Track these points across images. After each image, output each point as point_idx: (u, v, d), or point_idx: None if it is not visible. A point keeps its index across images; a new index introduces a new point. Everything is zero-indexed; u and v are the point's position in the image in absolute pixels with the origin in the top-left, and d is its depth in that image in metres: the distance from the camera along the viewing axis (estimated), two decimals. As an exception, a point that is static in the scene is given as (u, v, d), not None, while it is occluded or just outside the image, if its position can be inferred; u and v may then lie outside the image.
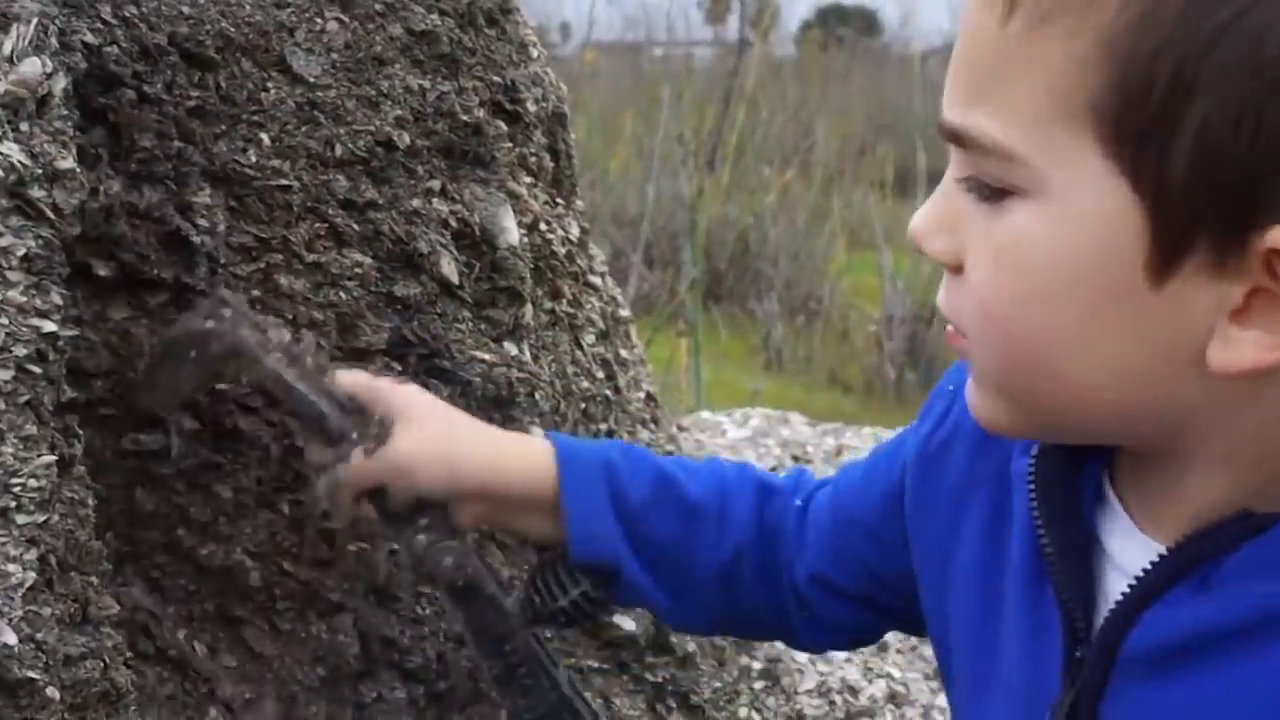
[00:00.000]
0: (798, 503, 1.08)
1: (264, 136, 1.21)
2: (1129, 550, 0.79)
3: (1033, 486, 0.84)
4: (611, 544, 1.05)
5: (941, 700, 1.78)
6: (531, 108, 1.41)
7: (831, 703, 1.74)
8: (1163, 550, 0.77)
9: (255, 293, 1.20)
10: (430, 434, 1.05)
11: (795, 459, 2.64)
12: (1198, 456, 0.76)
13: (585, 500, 1.05)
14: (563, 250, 1.47)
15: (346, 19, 1.27)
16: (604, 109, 8.23)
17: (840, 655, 1.80)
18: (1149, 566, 0.77)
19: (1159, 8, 0.67)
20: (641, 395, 1.61)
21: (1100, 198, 0.70)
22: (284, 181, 1.21)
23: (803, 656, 1.78)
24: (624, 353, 1.62)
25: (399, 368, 1.27)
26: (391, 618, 1.28)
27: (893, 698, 1.78)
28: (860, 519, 1.03)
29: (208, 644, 1.21)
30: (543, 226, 1.43)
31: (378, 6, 1.29)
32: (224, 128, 1.19)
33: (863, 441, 2.71)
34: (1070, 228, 0.71)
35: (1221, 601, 0.74)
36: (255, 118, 1.21)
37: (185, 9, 1.18)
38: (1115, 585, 0.79)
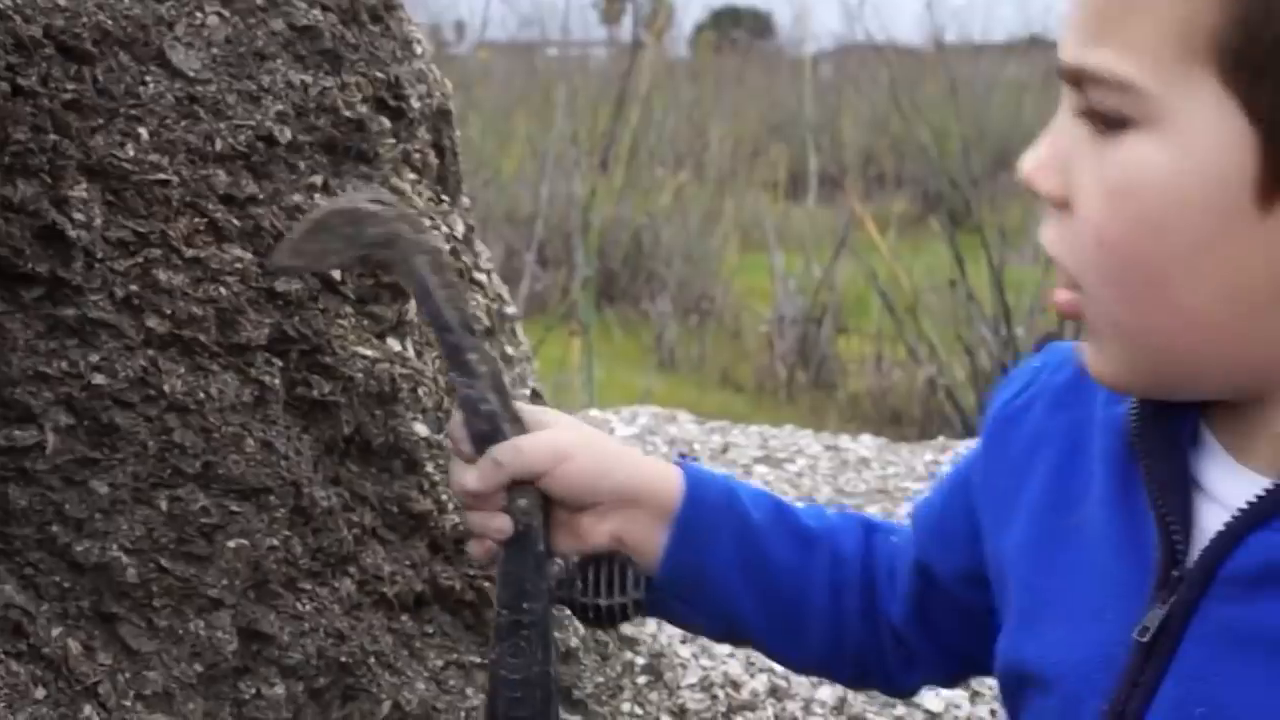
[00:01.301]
0: (894, 539, 1.09)
1: (142, 130, 1.20)
2: (1227, 483, 0.84)
3: (1135, 425, 0.87)
4: (706, 556, 1.05)
5: (821, 694, 1.80)
6: (415, 104, 1.41)
7: (714, 697, 1.76)
8: (1267, 484, 0.81)
9: (133, 287, 1.19)
10: (583, 435, 1.05)
11: (683, 456, 2.67)
12: None
13: (703, 509, 1.05)
14: (447, 247, 1.47)
15: (227, 13, 1.26)
16: (497, 108, 8.22)
17: (723, 649, 1.82)
18: (1262, 494, 0.81)
19: None
20: (527, 392, 1.62)
21: (1215, 127, 0.75)
22: (163, 176, 1.21)
23: (685, 651, 1.80)
24: (510, 349, 1.62)
25: (280, 363, 1.27)
26: (270, 614, 1.28)
27: (774, 691, 1.80)
28: (932, 525, 1.05)
29: (83, 642, 1.20)
30: (426, 223, 1.43)
31: (259, 1, 1.28)
32: (101, 121, 1.18)
33: (749, 440, 2.74)
34: (1185, 156, 0.76)
35: None
36: (133, 111, 1.20)
37: (61, 1, 1.17)
38: (1210, 515, 0.83)
